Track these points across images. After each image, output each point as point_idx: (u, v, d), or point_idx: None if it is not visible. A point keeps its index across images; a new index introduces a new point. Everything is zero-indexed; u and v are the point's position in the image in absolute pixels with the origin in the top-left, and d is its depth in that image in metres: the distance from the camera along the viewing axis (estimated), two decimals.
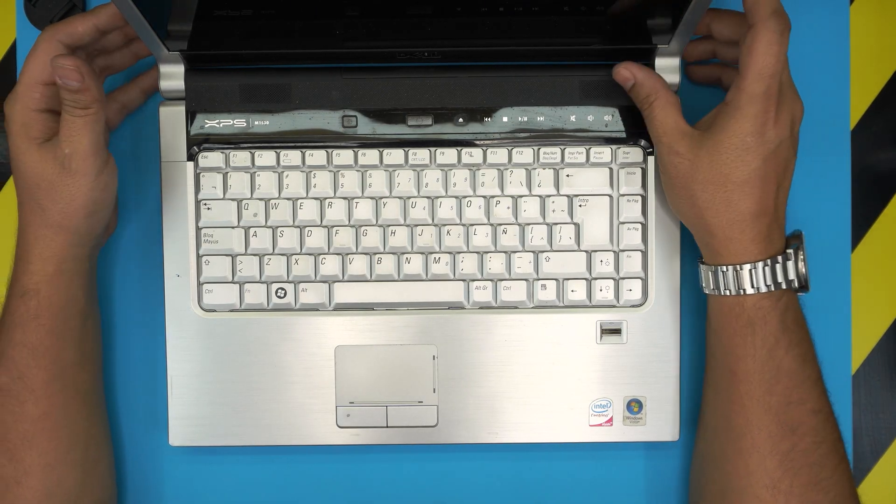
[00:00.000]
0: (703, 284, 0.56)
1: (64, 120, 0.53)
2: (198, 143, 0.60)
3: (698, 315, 0.62)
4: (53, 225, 0.54)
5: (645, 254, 0.60)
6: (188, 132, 0.60)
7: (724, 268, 0.54)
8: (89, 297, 0.58)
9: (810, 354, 0.55)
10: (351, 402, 0.60)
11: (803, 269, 0.54)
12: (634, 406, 0.60)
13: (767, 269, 0.53)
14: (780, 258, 0.54)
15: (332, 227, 0.60)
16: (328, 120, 0.60)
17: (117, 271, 0.63)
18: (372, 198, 0.60)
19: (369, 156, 0.60)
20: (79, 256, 0.56)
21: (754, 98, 0.51)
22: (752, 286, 0.53)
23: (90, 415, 0.58)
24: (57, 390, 0.55)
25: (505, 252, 0.60)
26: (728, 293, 0.54)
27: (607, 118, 0.60)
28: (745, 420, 0.54)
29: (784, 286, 0.54)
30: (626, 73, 0.57)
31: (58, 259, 0.55)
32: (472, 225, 0.60)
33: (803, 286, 0.54)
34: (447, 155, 0.60)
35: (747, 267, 0.53)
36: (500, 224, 0.60)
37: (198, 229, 0.60)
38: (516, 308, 0.61)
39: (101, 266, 0.61)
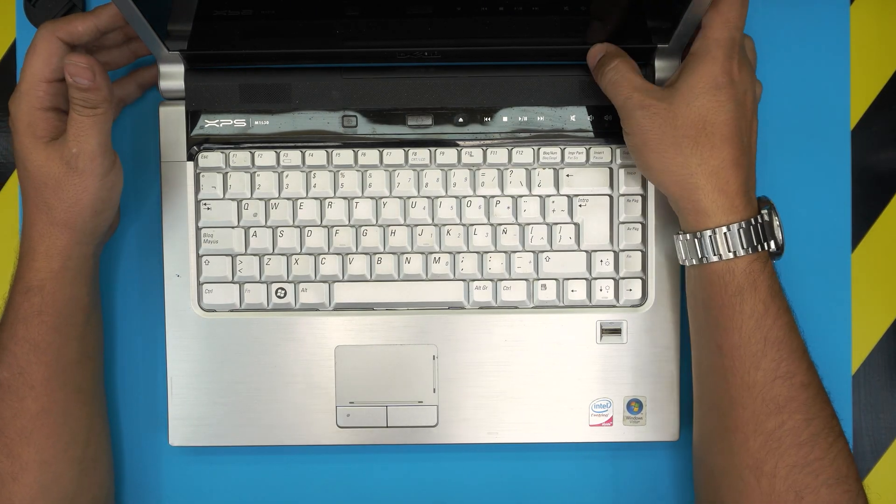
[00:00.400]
0: (685, 256, 0.55)
1: (72, 119, 0.53)
2: (198, 143, 0.60)
3: None
4: (59, 223, 0.54)
5: (645, 254, 0.60)
6: (188, 132, 0.60)
7: (711, 231, 0.53)
8: (92, 294, 0.58)
9: (794, 324, 0.54)
10: (351, 402, 0.60)
11: (779, 232, 0.54)
12: (634, 406, 0.60)
13: (752, 228, 0.53)
14: (759, 217, 0.53)
15: (332, 227, 0.60)
16: (328, 120, 0.60)
17: (117, 271, 0.63)
18: (372, 198, 0.60)
19: (369, 156, 0.60)
20: (83, 254, 0.56)
21: (721, 42, 0.53)
22: (743, 247, 0.52)
23: (90, 413, 0.58)
24: (57, 387, 0.56)
25: (505, 252, 0.60)
26: (717, 258, 0.53)
27: (607, 118, 0.60)
28: (728, 397, 0.53)
29: (767, 248, 0.53)
30: (601, 47, 0.57)
31: (63, 256, 0.55)
32: (472, 225, 0.60)
33: (780, 249, 0.54)
34: (447, 155, 0.60)
35: (735, 226, 0.52)
36: (500, 224, 0.60)
37: (198, 229, 0.60)
38: (516, 308, 0.61)
39: (102, 266, 0.61)
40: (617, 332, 0.60)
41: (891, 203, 0.64)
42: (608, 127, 0.60)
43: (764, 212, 0.54)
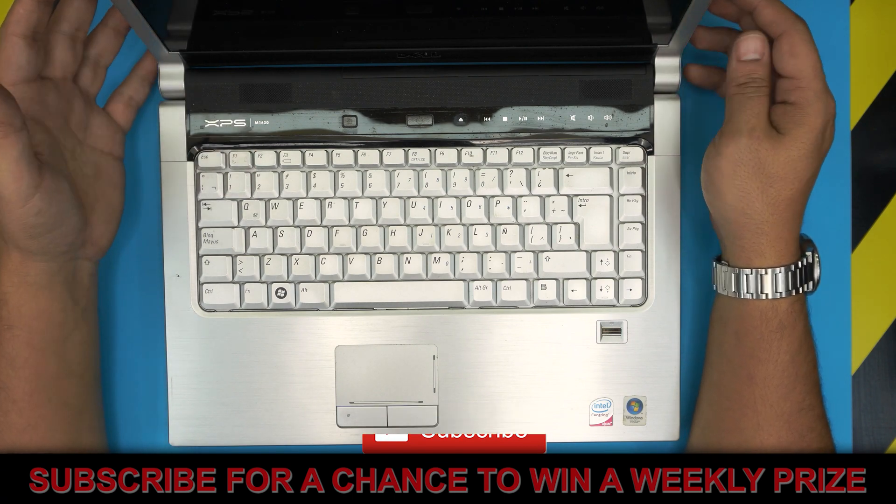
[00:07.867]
0: (723, 286, 0.55)
1: None
2: (198, 143, 0.60)
3: (698, 315, 0.62)
4: (7, 240, 0.53)
5: (645, 253, 0.60)
6: (188, 132, 0.60)
7: (762, 271, 0.53)
8: (70, 311, 0.56)
9: (817, 361, 0.56)
10: (351, 402, 0.60)
11: (818, 270, 0.55)
12: (634, 406, 0.60)
13: (798, 271, 0.54)
14: (804, 261, 0.54)
15: (332, 227, 0.60)
16: (328, 120, 0.60)
17: (117, 271, 0.63)
18: (372, 198, 0.60)
19: (369, 156, 0.60)
20: (45, 270, 0.54)
21: (820, 94, 0.52)
22: (788, 289, 0.53)
23: (79, 429, 0.57)
24: (41, 402, 0.55)
25: (505, 252, 0.60)
26: (759, 296, 0.54)
27: (607, 118, 0.60)
28: (756, 424, 0.54)
29: (806, 289, 0.54)
30: (760, 45, 0.54)
31: (20, 272, 0.54)
32: (472, 225, 0.60)
33: (815, 286, 0.55)
34: (447, 155, 0.60)
35: (783, 269, 0.53)
36: (500, 224, 0.60)
37: (198, 229, 0.60)
38: (516, 308, 0.61)
39: (102, 267, 0.61)
40: (617, 331, 0.60)
41: (891, 203, 0.64)
42: (608, 127, 0.60)
43: (808, 253, 0.55)
